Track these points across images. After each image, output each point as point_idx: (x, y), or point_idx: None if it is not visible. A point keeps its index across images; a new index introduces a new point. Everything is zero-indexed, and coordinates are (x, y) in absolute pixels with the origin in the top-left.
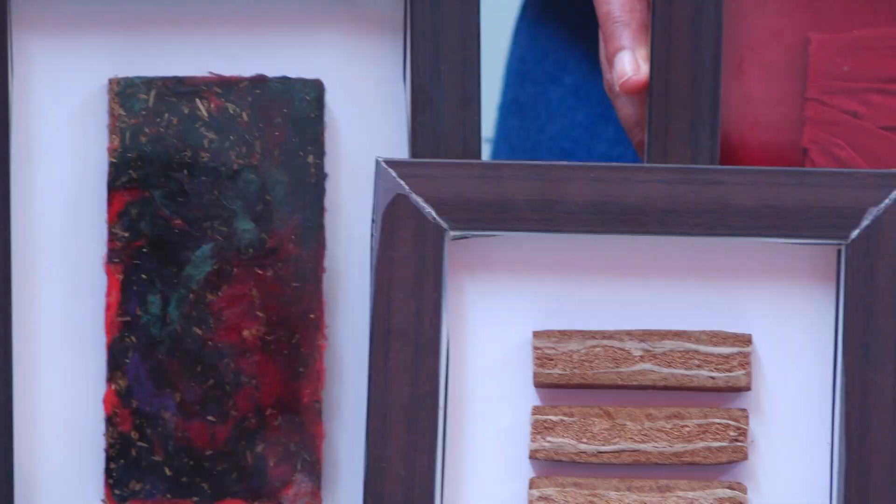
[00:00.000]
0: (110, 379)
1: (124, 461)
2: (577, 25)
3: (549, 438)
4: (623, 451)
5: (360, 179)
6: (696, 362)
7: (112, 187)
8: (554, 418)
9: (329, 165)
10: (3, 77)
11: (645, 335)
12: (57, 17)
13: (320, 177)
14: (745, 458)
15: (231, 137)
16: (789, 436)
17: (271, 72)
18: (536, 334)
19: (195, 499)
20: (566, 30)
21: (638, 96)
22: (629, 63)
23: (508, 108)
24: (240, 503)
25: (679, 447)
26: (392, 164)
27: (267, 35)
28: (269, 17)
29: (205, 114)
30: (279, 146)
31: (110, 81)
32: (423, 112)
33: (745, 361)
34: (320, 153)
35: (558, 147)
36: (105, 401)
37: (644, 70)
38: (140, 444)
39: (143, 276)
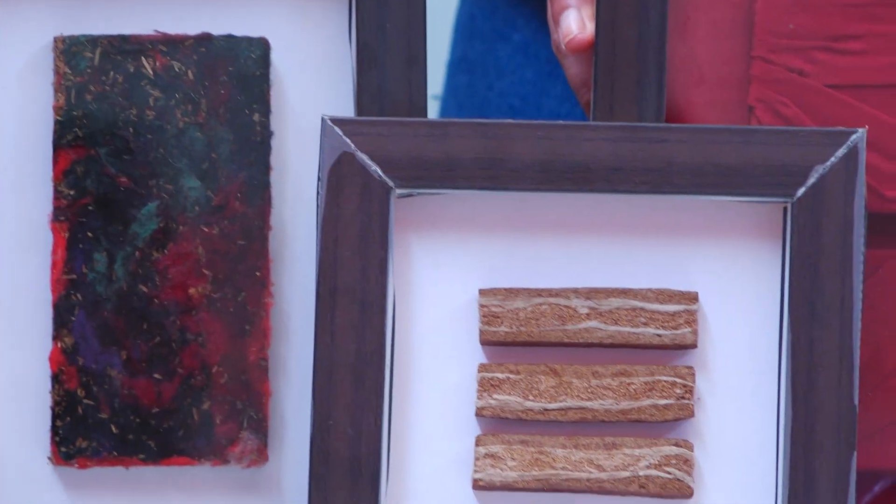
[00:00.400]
0: (56, 337)
1: (70, 419)
2: None
3: (495, 396)
4: (569, 408)
5: (306, 137)
6: (643, 320)
7: (57, 145)
8: (500, 376)
9: (275, 123)
10: None
11: (591, 293)
12: None
13: (266, 135)
14: (691, 415)
15: (176, 95)
16: (735, 393)
17: (217, 30)
18: (483, 292)
19: (141, 456)
20: None
21: (584, 55)
22: (575, 21)
23: (457, 65)
24: (186, 461)
25: (625, 405)
26: (338, 122)
27: None
28: None
29: (150, 72)
30: (225, 104)
31: (55, 40)
32: (368, 70)
33: (691, 319)
34: (266, 111)
35: (507, 104)
36: (51, 359)
37: (590, 28)
38: (86, 401)
39: (89, 233)
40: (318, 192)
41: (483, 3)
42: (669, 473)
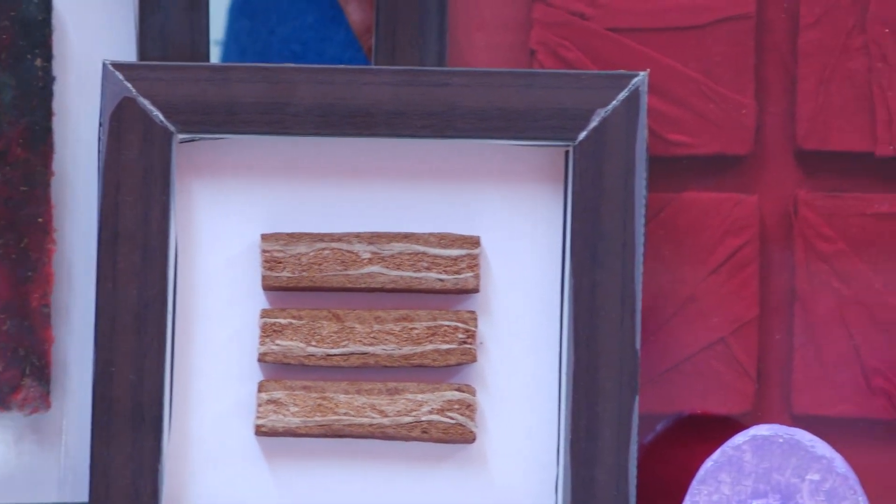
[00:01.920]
0: None
1: None
2: None
3: (277, 342)
4: (352, 353)
5: (89, 82)
6: (425, 264)
7: None
8: (283, 321)
9: (57, 69)
10: None
11: (373, 238)
12: None
13: (48, 80)
14: (473, 359)
15: None
16: (518, 337)
17: None
18: (265, 237)
19: None
20: None
21: (367, 0)
22: None
23: (239, 9)
24: None
25: (408, 350)
26: (119, 66)
27: None
28: None
29: None
30: (6, 49)
31: None
32: (150, 14)
33: (473, 263)
34: (48, 56)
35: (288, 49)
36: None
37: None
38: None
39: None
40: (99, 138)
41: None
42: (452, 419)
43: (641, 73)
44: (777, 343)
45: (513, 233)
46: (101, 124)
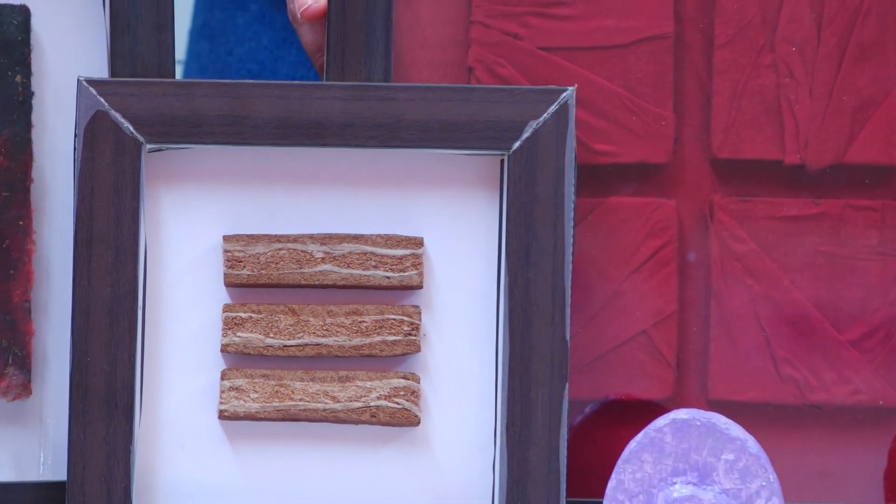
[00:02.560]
0: None
1: None
2: None
3: (238, 334)
4: (307, 344)
5: (65, 97)
6: (373, 263)
7: None
8: (243, 315)
9: (36, 84)
10: None
11: (326, 238)
12: None
13: (27, 95)
14: (417, 350)
15: None
16: (458, 329)
17: None
18: (226, 238)
19: None
20: None
21: (318, 23)
22: None
23: (199, 32)
24: None
25: (357, 341)
26: (92, 82)
27: None
28: None
29: None
30: None
31: None
32: (121, 35)
33: (417, 262)
34: (27, 73)
35: (245, 69)
36: None
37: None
38: None
39: None
40: (75, 148)
41: None
42: (398, 404)
43: (570, 89)
44: (694, 335)
45: (453, 234)
46: (76, 135)
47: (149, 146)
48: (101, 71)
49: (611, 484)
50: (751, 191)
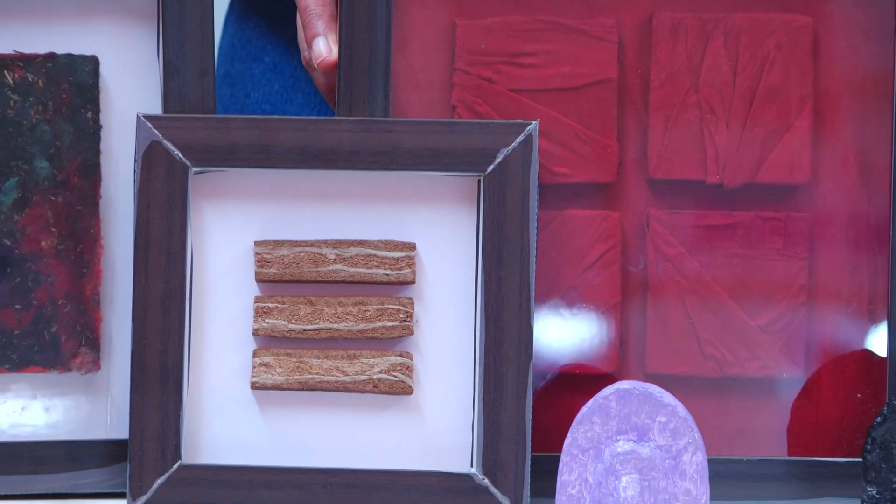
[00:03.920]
0: None
1: None
2: (273, 18)
3: (267, 320)
4: (322, 329)
5: (127, 130)
6: (375, 263)
7: None
8: (271, 305)
9: (103, 119)
10: None
11: (337, 244)
12: None
13: (97, 128)
14: (411, 333)
15: (30, 99)
16: (444, 317)
17: (60, 49)
18: (257, 243)
19: (7, 366)
20: (264, 22)
21: (331, 71)
22: (324, 46)
23: (222, 80)
24: (40, 369)
25: (363, 326)
26: (149, 118)
27: (57, 21)
28: (58, 7)
29: (10, 81)
30: (66, 105)
31: None
32: (172, 80)
33: (410, 262)
34: (97, 110)
35: (260, 110)
36: None
37: (335, 52)
38: None
39: None
40: (135, 170)
41: (241, 33)
42: (395, 377)
43: (533, 123)
44: (634, 321)
45: (440, 240)
46: (135, 160)
47: (194, 169)
48: (156, 108)
49: (567, 441)
50: (679, 205)
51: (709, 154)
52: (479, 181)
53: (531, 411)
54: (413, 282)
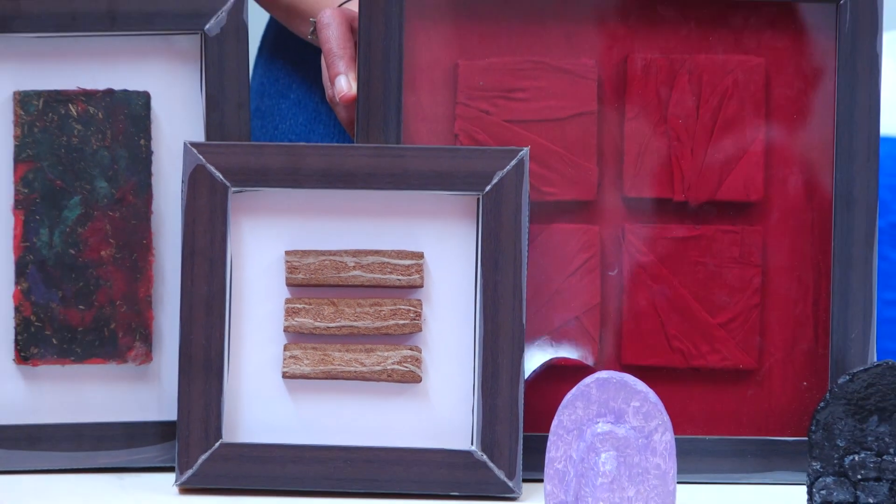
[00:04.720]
0: (17, 282)
1: (26, 335)
2: (297, 60)
3: (296, 319)
4: (343, 326)
5: (175, 155)
6: (389, 269)
7: (17, 160)
8: (299, 306)
9: (154, 146)
10: None
11: (356, 253)
12: None
13: (149, 153)
14: (420, 330)
15: (91, 128)
16: (448, 316)
17: (117, 86)
18: (287, 252)
19: (72, 358)
20: (290, 64)
21: (351, 105)
22: (345, 83)
23: (253, 114)
24: (100, 361)
25: (378, 324)
26: (194, 144)
27: (114, 62)
28: (115, 49)
29: (74, 113)
30: (122, 133)
31: (14, 93)
32: (213, 111)
33: (419, 269)
34: (149, 138)
35: (287, 140)
36: (14, 296)
37: (354, 88)
38: (36, 324)
39: (37, 217)
40: (182, 190)
41: (269, 73)
42: (406, 367)
43: (525, 149)
44: (612, 319)
45: (445, 250)
46: (182, 181)
47: (233, 189)
48: (199, 136)
49: (554, 422)
50: (650, 219)
51: (676, 176)
52: (478, 199)
53: (523, 397)
54: (421, 286)
